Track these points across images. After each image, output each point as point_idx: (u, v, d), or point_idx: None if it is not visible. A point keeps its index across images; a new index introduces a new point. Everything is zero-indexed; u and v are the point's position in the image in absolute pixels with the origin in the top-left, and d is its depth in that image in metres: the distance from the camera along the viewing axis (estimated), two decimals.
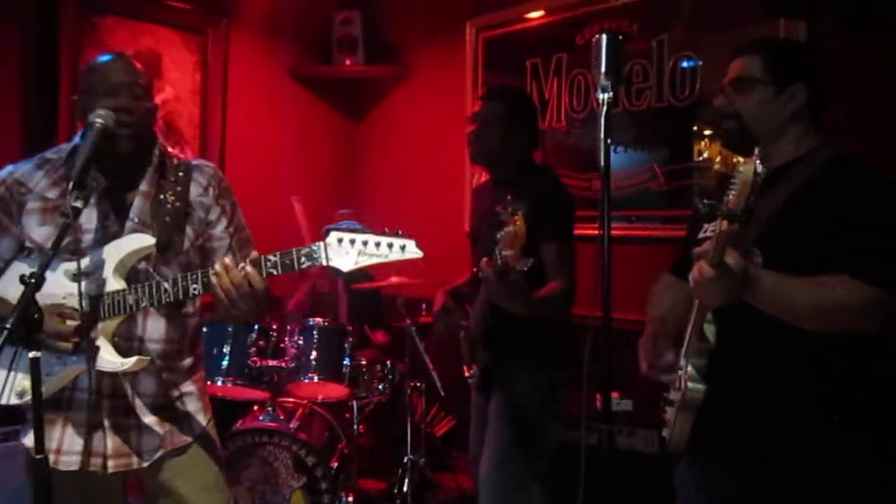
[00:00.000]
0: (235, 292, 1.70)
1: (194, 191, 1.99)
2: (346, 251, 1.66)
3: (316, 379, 3.43)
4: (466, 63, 4.44)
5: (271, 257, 1.72)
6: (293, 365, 3.43)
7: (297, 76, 4.89)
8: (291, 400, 3.56)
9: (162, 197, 1.94)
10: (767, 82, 1.80)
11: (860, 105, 2.75)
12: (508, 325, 2.52)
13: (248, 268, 1.70)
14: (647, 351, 1.93)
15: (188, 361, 2.03)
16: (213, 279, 1.72)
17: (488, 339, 2.63)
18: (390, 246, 1.67)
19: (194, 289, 1.76)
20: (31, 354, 1.53)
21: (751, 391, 1.78)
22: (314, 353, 3.44)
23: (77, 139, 1.96)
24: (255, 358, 3.40)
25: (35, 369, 1.54)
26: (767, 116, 1.81)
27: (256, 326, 3.43)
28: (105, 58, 1.94)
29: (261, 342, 3.45)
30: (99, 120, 1.78)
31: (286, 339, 3.50)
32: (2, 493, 2.22)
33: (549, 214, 2.49)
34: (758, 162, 1.55)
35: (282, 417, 3.38)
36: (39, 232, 1.89)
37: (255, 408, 3.50)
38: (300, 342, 3.46)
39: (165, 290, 1.77)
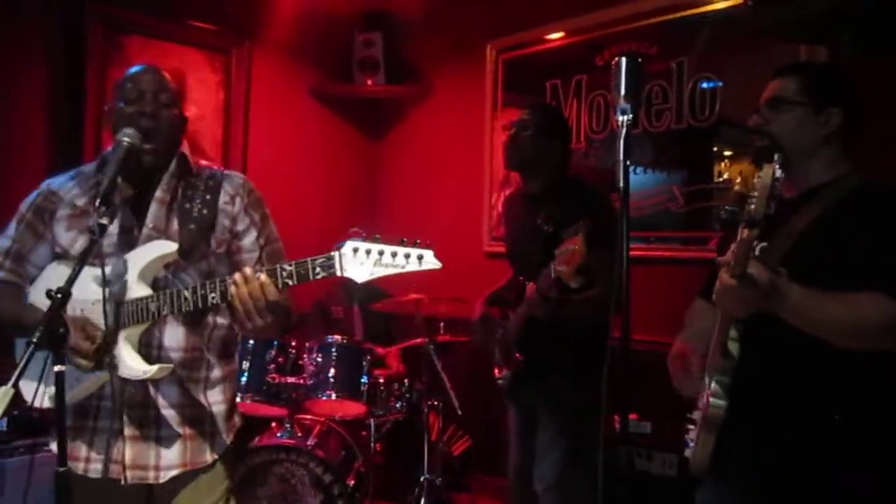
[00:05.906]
0: (251, 304, 1.68)
1: (221, 199, 1.99)
2: (360, 262, 1.61)
3: (334, 396, 3.44)
4: (486, 84, 4.48)
5: (287, 266, 1.68)
6: (311, 382, 3.44)
7: (319, 96, 4.95)
8: (309, 417, 3.58)
9: (188, 205, 1.94)
10: (805, 103, 1.80)
11: (879, 131, 2.73)
12: (545, 336, 2.63)
13: (263, 277, 1.67)
14: (677, 369, 1.92)
15: (215, 373, 1.98)
16: (231, 289, 1.70)
17: (523, 346, 2.69)
18: (407, 256, 1.61)
19: (212, 297, 1.74)
20: (56, 368, 1.54)
21: (773, 413, 1.76)
22: (332, 371, 3.44)
23: (109, 151, 1.97)
24: (273, 374, 3.43)
25: (59, 383, 1.55)
26: (801, 137, 1.80)
27: (276, 343, 3.45)
28: (136, 68, 1.98)
29: (280, 359, 3.48)
30: (126, 139, 1.80)
31: (305, 356, 3.52)
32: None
33: (600, 222, 2.56)
34: (777, 167, 1.55)
35: (299, 434, 3.39)
36: (66, 237, 1.92)
37: (273, 424, 3.52)
38: (319, 359, 3.47)
39: (185, 298, 1.76)
